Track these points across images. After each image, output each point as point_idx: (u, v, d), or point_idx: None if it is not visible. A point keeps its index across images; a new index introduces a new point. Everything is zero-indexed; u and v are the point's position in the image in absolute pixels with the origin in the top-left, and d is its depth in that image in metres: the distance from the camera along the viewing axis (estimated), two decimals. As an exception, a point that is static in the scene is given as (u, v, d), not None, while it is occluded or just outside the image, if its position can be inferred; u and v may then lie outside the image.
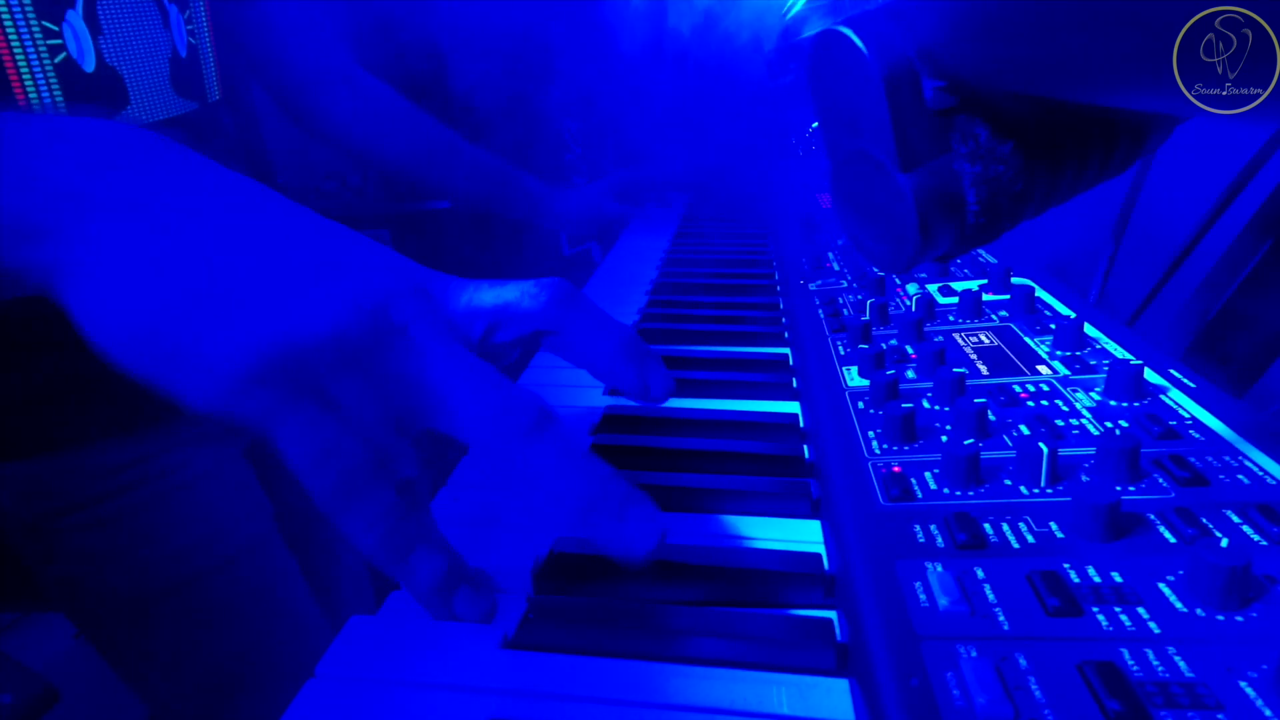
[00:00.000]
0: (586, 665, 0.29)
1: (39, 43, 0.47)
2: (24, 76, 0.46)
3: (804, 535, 0.36)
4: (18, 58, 0.46)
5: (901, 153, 0.23)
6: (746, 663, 0.29)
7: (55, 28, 0.47)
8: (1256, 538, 0.29)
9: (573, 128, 1.37)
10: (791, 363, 0.55)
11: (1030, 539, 0.30)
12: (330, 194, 1.45)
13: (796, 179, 1.04)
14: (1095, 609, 0.26)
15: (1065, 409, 0.39)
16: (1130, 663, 0.24)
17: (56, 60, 0.47)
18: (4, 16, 0.45)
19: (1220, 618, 0.25)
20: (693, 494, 0.39)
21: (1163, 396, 0.39)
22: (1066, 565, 0.28)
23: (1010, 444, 0.37)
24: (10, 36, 0.45)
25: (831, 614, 0.31)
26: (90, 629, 0.61)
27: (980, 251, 0.66)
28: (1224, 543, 0.28)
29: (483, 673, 0.29)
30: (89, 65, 0.49)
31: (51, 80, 0.47)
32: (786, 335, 0.60)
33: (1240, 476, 0.32)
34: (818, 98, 0.25)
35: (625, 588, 0.33)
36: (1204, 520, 0.30)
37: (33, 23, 0.46)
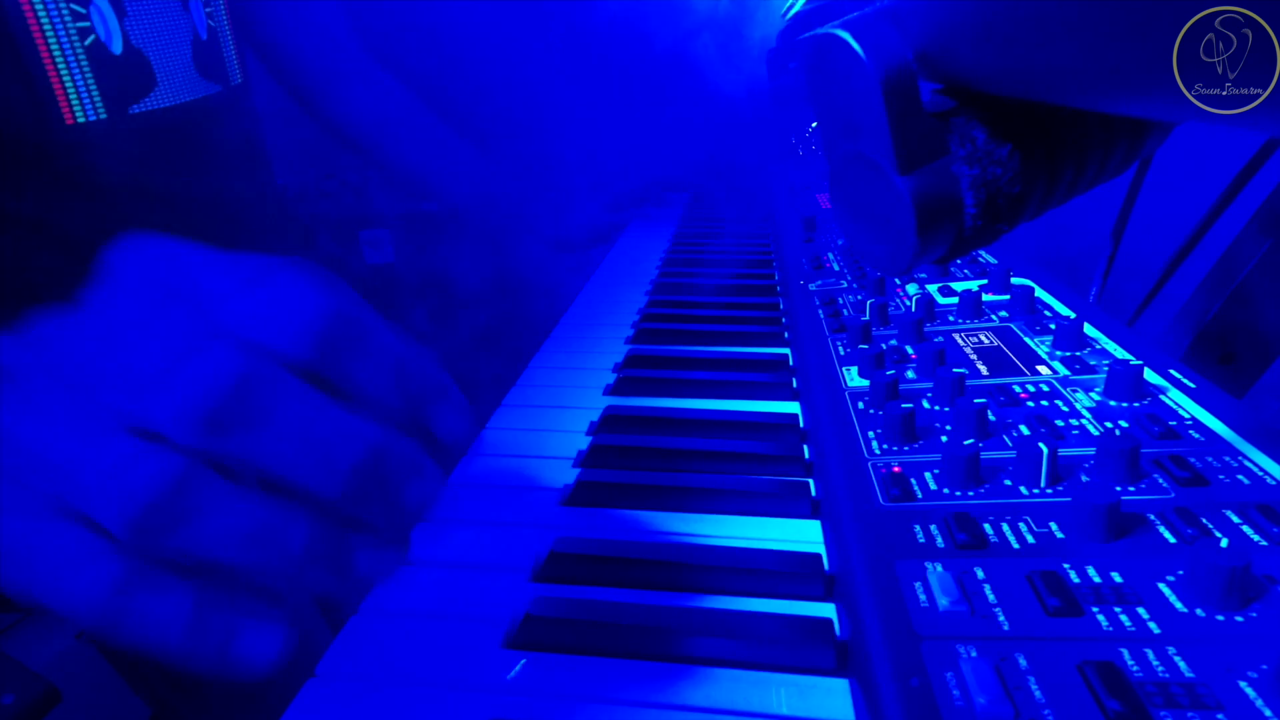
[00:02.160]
0: (586, 665, 0.29)
1: (69, 26, 0.48)
2: (57, 60, 0.48)
3: (804, 535, 0.36)
4: (50, 42, 0.47)
5: (899, 155, 0.23)
6: (746, 663, 0.29)
7: (83, 10, 0.48)
8: (1256, 538, 0.29)
9: (573, 128, 1.37)
10: (791, 363, 0.55)
11: (1030, 539, 0.30)
12: (330, 194, 1.45)
13: (796, 179, 1.04)
14: (1095, 609, 0.26)
15: (1065, 409, 0.39)
16: (1130, 663, 0.24)
17: (86, 43, 0.49)
18: (35, 1, 0.46)
19: (1220, 618, 0.25)
20: (693, 494, 0.39)
21: (1163, 396, 0.39)
22: (1066, 565, 0.28)
23: (1010, 444, 0.37)
24: (43, 20, 0.47)
25: (831, 614, 0.31)
26: None
27: (980, 252, 0.66)
28: (1224, 543, 0.28)
29: (483, 673, 0.29)
30: (116, 48, 0.50)
31: (83, 62, 0.49)
32: (786, 335, 0.60)
33: (1240, 476, 0.32)
34: (816, 100, 0.25)
35: (625, 588, 0.34)
36: (1204, 520, 0.30)
37: (62, 6, 0.47)
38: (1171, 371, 0.41)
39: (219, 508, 0.23)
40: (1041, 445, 0.33)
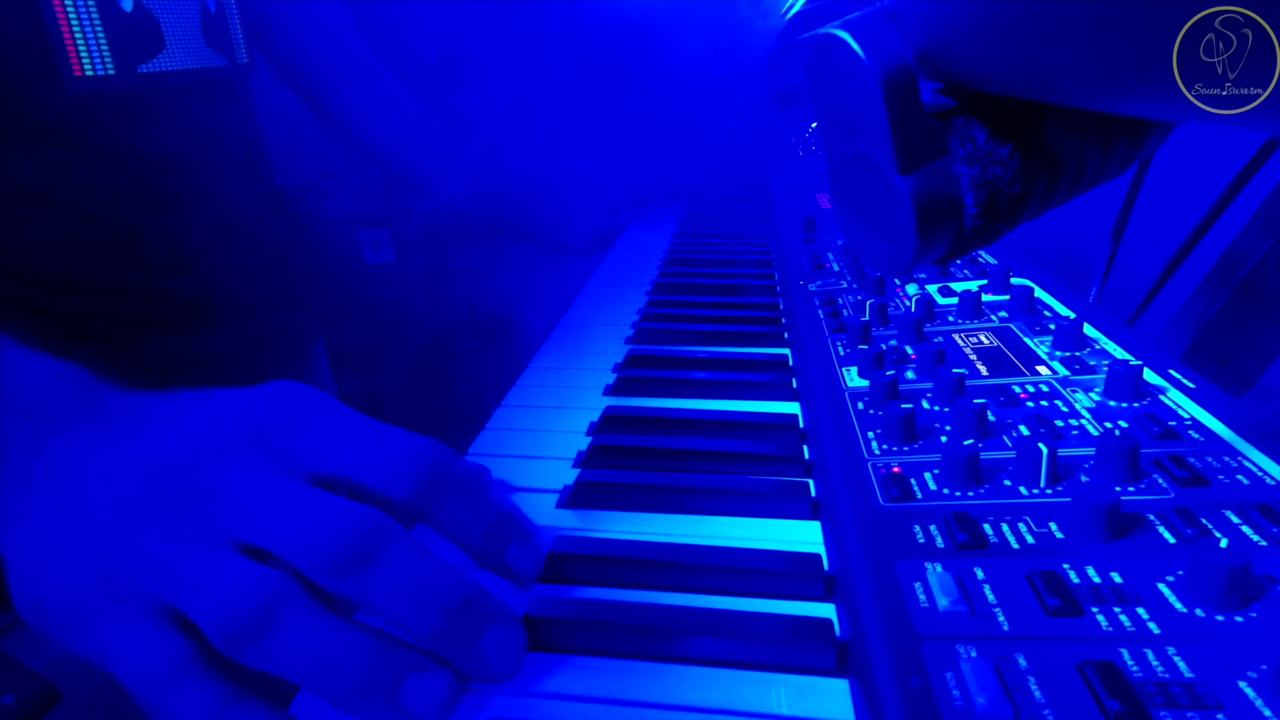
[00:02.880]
0: (586, 665, 0.29)
1: None
2: (69, 12, 0.48)
3: (804, 535, 0.36)
4: None
5: (900, 156, 0.23)
6: (746, 663, 0.29)
7: None
8: (1256, 538, 0.29)
9: (573, 130, 1.37)
10: (791, 363, 0.55)
11: (1030, 539, 0.30)
12: (330, 194, 1.45)
13: (796, 179, 1.04)
14: (1095, 609, 0.26)
15: (1065, 409, 0.39)
16: (1130, 663, 0.24)
17: None
18: None
19: (1220, 618, 0.25)
20: (693, 494, 0.39)
21: (1162, 397, 0.39)
22: (1066, 565, 0.28)
23: (1010, 444, 0.37)
24: None
25: (831, 614, 0.31)
26: None
27: (980, 252, 0.66)
28: (1224, 543, 0.28)
29: (483, 673, 0.29)
30: (127, 5, 0.51)
31: (94, 16, 0.49)
32: (786, 335, 0.60)
33: (1240, 476, 0.32)
34: (816, 100, 0.25)
35: (625, 588, 0.34)
36: (1204, 520, 0.30)
37: None
38: (1171, 371, 0.41)
39: (307, 628, 0.25)
40: (1041, 445, 0.33)
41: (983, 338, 0.49)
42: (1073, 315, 0.50)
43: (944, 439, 0.38)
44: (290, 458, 0.28)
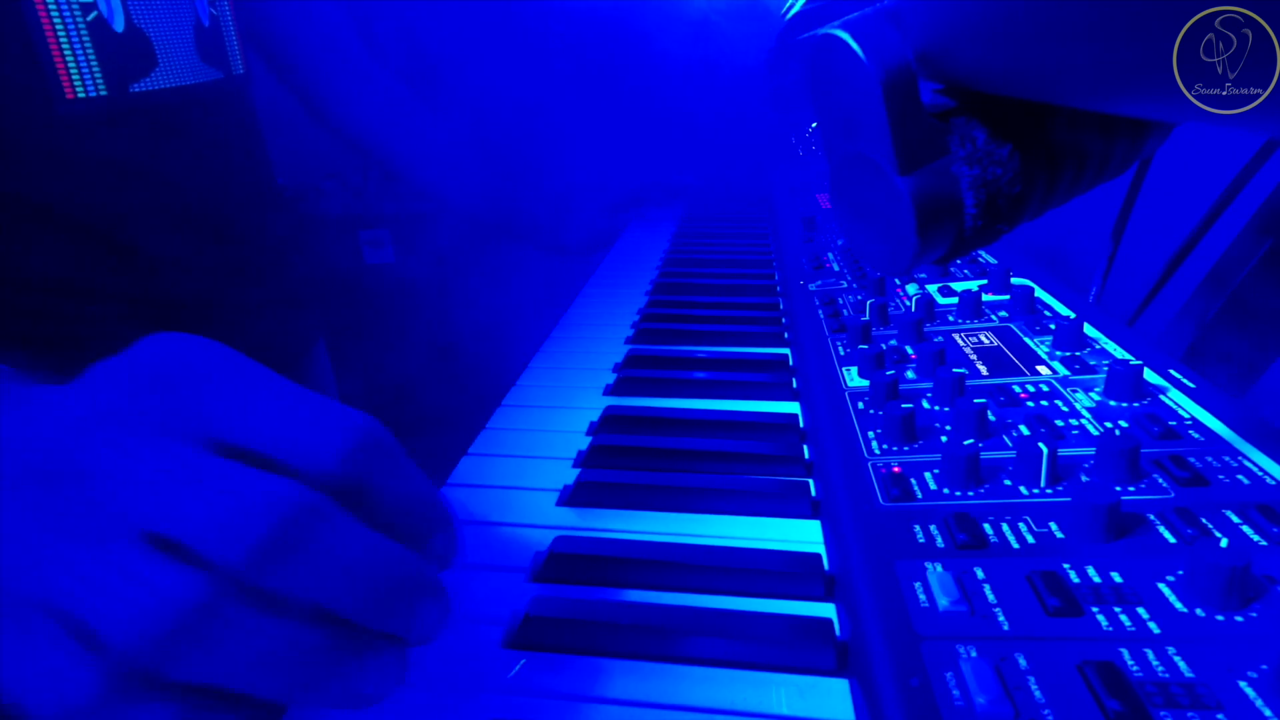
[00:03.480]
0: (586, 665, 0.29)
1: (73, 1, 0.48)
2: (60, 35, 0.48)
3: (804, 535, 0.36)
4: (54, 16, 0.48)
5: (900, 156, 0.23)
6: (746, 663, 0.29)
7: None
8: (1256, 538, 0.29)
9: (573, 132, 1.37)
10: (791, 363, 0.55)
11: (1030, 539, 0.30)
12: (330, 194, 1.45)
13: (796, 179, 1.04)
14: (1095, 609, 0.26)
15: (1065, 409, 0.39)
16: (1130, 663, 0.24)
17: (89, 19, 0.49)
18: None
19: (1220, 618, 0.25)
20: (693, 494, 0.39)
21: (1163, 396, 0.39)
22: (1066, 565, 0.28)
23: (1010, 444, 0.37)
24: None
25: (831, 614, 0.31)
26: None
27: (980, 252, 0.66)
28: (1224, 543, 0.28)
29: (482, 673, 0.29)
30: (118, 25, 0.51)
31: (85, 38, 0.49)
32: (786, 335, 0.60)
33: (1240, 476, 0.32)
34: (816, 100, 0.25)
35: (625, 588, 0.34)
36: (1204, 520, 0.30)
37: None
38: (1171, 371, 0.41)
39: (239, 633, 0.22)
40: (1041, 445, 0.33)
41: (983, 338, 0.49)
42: (1073, 315, 0.50)
43: (944, 439, 0.38)
44: (189, 421, 0.24)
